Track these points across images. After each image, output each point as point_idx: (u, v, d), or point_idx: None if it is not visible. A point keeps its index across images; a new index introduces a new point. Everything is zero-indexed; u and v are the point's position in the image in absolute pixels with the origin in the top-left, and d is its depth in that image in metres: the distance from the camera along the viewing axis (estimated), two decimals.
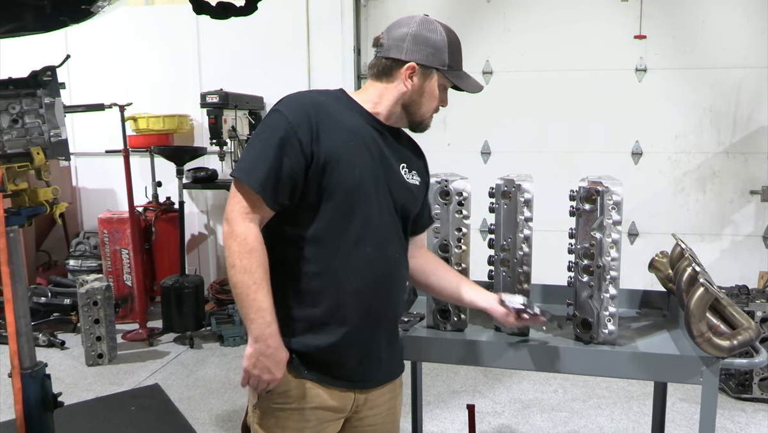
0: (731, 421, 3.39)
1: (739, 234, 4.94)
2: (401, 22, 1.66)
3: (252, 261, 1.47)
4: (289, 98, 1.59)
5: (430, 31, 1.62)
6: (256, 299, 1.48)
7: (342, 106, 1.62)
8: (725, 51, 4.72)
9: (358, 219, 1.57)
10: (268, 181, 1.48)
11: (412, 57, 1.61)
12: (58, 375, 4.09)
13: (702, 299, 1.71)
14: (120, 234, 5.04)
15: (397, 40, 1.63)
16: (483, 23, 5.05)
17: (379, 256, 1.61)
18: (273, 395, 1.57)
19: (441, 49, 1.62)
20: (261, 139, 1.52)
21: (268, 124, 1.54)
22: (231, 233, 1.49)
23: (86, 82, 5.55)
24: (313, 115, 1.53)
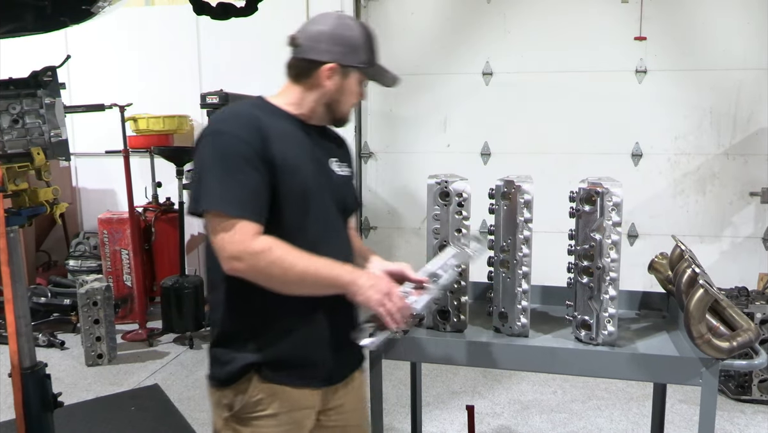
0: (730, 423, 3.40)
1: (738, 236, 4.95)
2: (316, 20, 1.67)
3: (285, 260, 1.48)
4: (226, 117, 1.59)
5: (346, 28, 1.64)
6: (319, 271, 1.52)
7: (270, 115, 1.61)
8: (725, 53, 4.72)
9: (312, 224, 1.60)
10: (250, 202, 1.48)
11: (331, 57, 1.63)
12: (58, 375, 4.09)
13: (701, 301, 1.71)
14: (120, 234, 5.04)
15: (313, 41, 1.63)
16: (483, 24, 5.06)
17: (334, 256, 1.60)
18: (247, 406, 1.60)
19: (358, 46, 1.65)
20: (223, 164, 1.48)
21: (221, 147, 1.49)
22: (254, 267, 1.48)
23: (86, 82, 5.55)
24: (259, 127, 1.53)
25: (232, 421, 1.63)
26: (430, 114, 5.24)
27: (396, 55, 5.25)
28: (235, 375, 1.60)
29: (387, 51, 5.70)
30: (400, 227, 5.43)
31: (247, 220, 1.47)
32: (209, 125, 1.61)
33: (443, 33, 5.15)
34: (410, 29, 5.20)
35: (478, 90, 5.14)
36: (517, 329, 2.06)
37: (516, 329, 2.06)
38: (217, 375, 1.65)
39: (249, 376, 1.59)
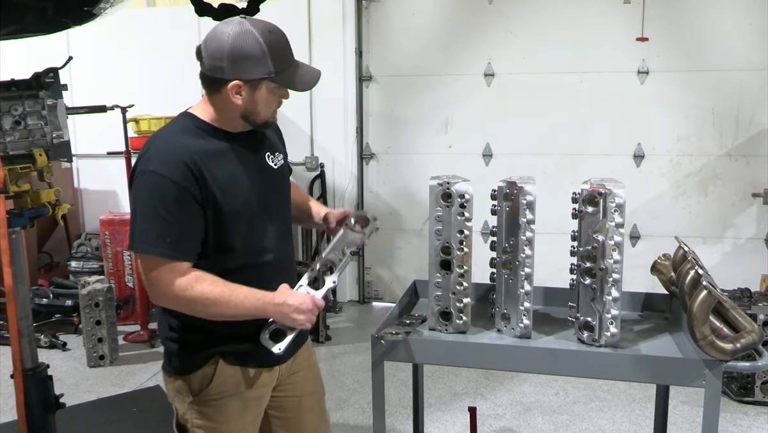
0: (733, 424, 3.39)
1: (740, 237, 4.94)
2: (216, 35, 1.61)
3: (207, 298, 1.60)
4: (157, 155, 1.60)
5: (245, 42, 1.58)
6: (238, 306, 1.64)
7: (198, 136, 1.65)
8: (727, 53, 4.72)
9: (254, 233, 1.73)
10: (178, 244, 1.57)
11: (233, 75, 1.59)
12: (60, 376, 4.09)
13: (705, 302, 1.70)
14: (122, 235, 5.04)
15: (214, 59, 1.60)
16: (484, 25, 5.06)
17: (278, 254, 1.80)
18: (211, 388, 1.73)
19: (261, 58, 1.59)
20: (153, 206, 1.56)
21: (153, 189, 1.56)
22: (177, 304, 1.63)
23: (88, 83, 5.55)
24: (190, 162, 1.58)
25: (196, 405, 1.74)
26: (432, 115, 5.24)
27: (397, 56, 5.27)
28: (200, 362, 1.72)
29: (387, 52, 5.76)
30: (402, 228, 5.43)
31: (174, 260, 1.58)
32: (143, 161, 1.62)
33: (444, 34, 5.15)
34: (411, 30, 5.20)
35: (479, 91, 5.14)
36: (520, 330, 2.05)
37: (518, 331, 2.06)
38: (177, 365, 1.76)
39: (214, 361, 1.72)
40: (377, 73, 5.32)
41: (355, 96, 5.27)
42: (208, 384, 1.73)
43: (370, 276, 5.57)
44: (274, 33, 1.63)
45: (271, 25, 1.65)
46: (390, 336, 1.95)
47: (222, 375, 1.73)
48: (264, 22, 1.64)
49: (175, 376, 1.77)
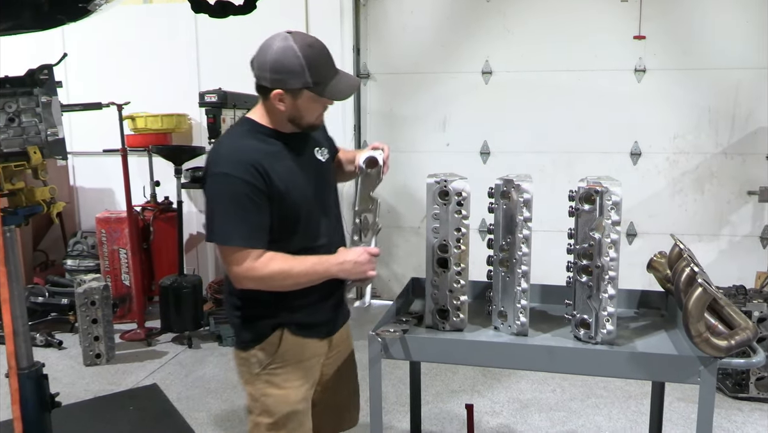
0: (728, 420, 3.40)
1: (736, 234, 4.95)
2: (263, 48, 1.82)
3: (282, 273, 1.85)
4: (226, 158, 1.82)
5: (285, 56, 1.77)
6: (309, 273, 1.89)
7: (260, 139, 1.87)
8: (724, 52, 4.72)
9: (311, 221, 1.95)
10: (252, 234, 1.81)
11: (275, 85, 1.81)
12: (56, 375, 4.08)
13: (700, 300, 1.71)
14: (118, 234, 5.03)
15: (260, 70, 1.83)
16: (482, 23, 5.05)
17: (331, 238, 2.04)
18: (276, 357, 1.96)
19: (300, 71, 1.78)
20: (230, 204, 1.79)
21: (228, 189, 1.79)
22: (258, 284, 1.86)
23: (84, 80, 5.53)
24: (256, 163, 1.80)
25: (263, 375, 1.98)
26: (430, 113, 5.23)
27: (395, 53, 5.26)
28: (266, 333, 1.96)
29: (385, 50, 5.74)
30: (400, 225, 5.43)
31: (250, 248, 1.80)
32: (214, 164, 1.84)
33: (442, 32, 5.15)
34: (409, 28, 5.19)
35: (477, 89, 5.13)
36: (517, 327, 2.06)
37: (515, 328, 2.06)
38: (246, 337, 2.00)
39: (279, 333, 1.96)
40: (375, 70, 5.31)
41: (354, 94, 5.24)
42: (274, 353, 1.96)
43: None
44: (313, 48, 1.80)
45: (312, 39, 1.82)
46: (387, 334, 1.95)
47: (286, 344, 1.97)
48: (306, 37, 1.82)
49: (243, 349, 2.00)
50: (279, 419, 1.99)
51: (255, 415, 2.03)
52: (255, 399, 2.02)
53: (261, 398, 2.00)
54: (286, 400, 1.99)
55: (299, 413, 2.02)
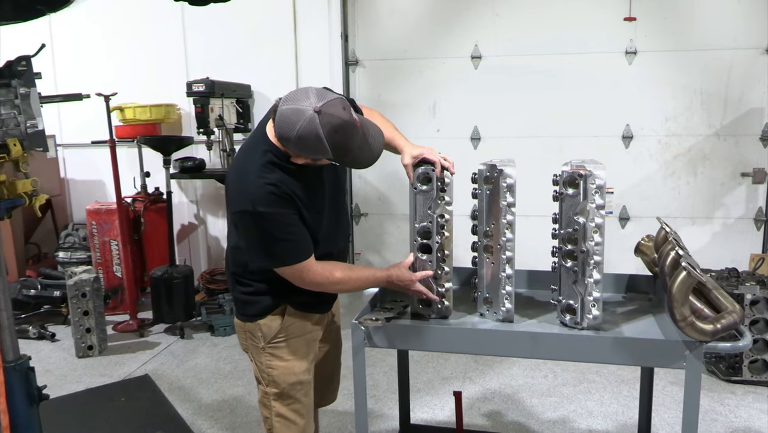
0: (721, 403, 3.40)
1: (730, 217, 4.94)
2: (287, 122, 1.78)
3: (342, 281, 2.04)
4: (258, 196, 1.86)
5: (311, 139, 1.76)
6: (362, 283, 2.11)
7: (277, 167, 1.90)
8: (716, 32, 4.68)
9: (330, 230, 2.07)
10: (302, 248, 1.95)
11: (296, 153, 1.85)
12: (49, 367, 4.08)
13: (684, 283, 1.69)
14: (108, 225, 5.01)
15: (282, 138, 1.82)
16: (471, 7, 5.00)
17: (344, 241, 2.25)
18: (282, 332, 2.08)
19: (323, 152, 1.79)
20: (276, 234, 1.90)
21: (268, 224, 1.88)
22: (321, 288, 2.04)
23: (72, 71, 5.49)
24: (281, 193, 1.88)
25: (268, 349, 2.10)
26: (419, 99, 5.19)
27: (384, 39, 5.21)
28: (270, 307, 2.08)
29: (373, 36, 5.68)
30: (391, 213, 5.41)
31: (305, 260, 1.95)
32: (243, 202, 1.89)
33: (431, 16, 5.10)
34: (398, 13, 5.14)
35: (467, 74, 5.09)
36: (502, 314, 2.04)
37: (500, 315, 2.05)
38: (250, 312, 2.11)
39: (282, 308, 2.08)
40: (364, 57, 5.27)
41: (342, 81, 5.21)
42: (278, 327, 2.07)
43: (360, 262, 5.55)
44: (339, 134, 1.77)
45: (340, 123, 1.77)
46: (370, 322, 1.94)
47: (289, 319, 2.08)
48: (333, 119, 1.76)
49: (248, 321, 2.11)
50: (285, 389, 2.11)
51: (263, 385, 2.15)
52: (261, 371, 2.14)
53: (267, 370, 2.12)
54: (292, 371, 2.11)
55: (304, 383, 2.14)
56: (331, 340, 2.37)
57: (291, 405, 2.13)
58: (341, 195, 2.20)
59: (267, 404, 2.15)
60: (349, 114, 1.79)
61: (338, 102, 1.79)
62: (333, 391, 2.46)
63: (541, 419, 3.29)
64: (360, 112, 2.18)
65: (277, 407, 2.13)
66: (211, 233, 5.68)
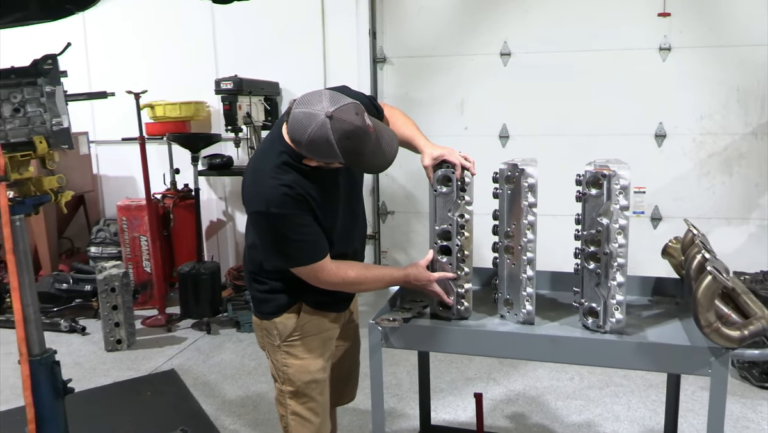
0: (753, 411, 3.30)
1: (766, 218, 4.78)
2: (298, 125, 1.76)
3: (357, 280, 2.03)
4: (273, 197, 1.86)
5: (322, 144, 1.75)
6: (377, 282, 2.08)
7: (293, 168, 1.88)
8: (752, 28, 4.53)
9: (344, 230, 2.07)
10: (317, 249, 1.94)
11: (308, 155, 1.84)
12: (78, 360, 4.16)
13: (709, 288, 1.63)
14: (138, 221, 5.08)
15: (294, 141, 1.82)
16: (500, 3, 4.94)
17: (359, 241, 2.24)
18: (297, 330, 2.08)
19: (334, 156, 1.78)
20: (290, 235, 1.89)
21: (282, 225, 1.87)
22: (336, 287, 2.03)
23: (104, 69, 5.60)
24: (294, 194, 1.87)
25: (284, 347, 2.10)
26: (447, 97, 5.15)
27: (411, 36, 5.18)
28: (285, 306, 2.08)
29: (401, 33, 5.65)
30: (418, 211, 5.38)
31: (320, 260, 1.94)
32: (257, 203, 1.89)
33: (459, 13, 5.05)
34: (426, 10, 5.11)
35: (495, 71, 5.03)
36: (523, 316, 2.01)
37: (521, 317, 2.01)
38: (266, 310, 2.11)
39: (297, 306, 2.07)
40: (391, 54, 5.24)
41: (370, 78, 5.20)
42: (293, 325, 2.07)
43: (387, 260, 5.54)
44: (351, 140, 1.75)
45: (352, 129, 1.74)
46: (387, 323, 1.92)
47: (305, 318, 2.08)
48: (345, 125, 1.74)
49: (265, 319, 2.12)
50: (300, 387, 2.11)
51: (279, 383, 2.16)
52: (277, 369, 2.15)
53: (282, 368, 2.12)
54: (307, 369, 2.11)
55: (319, 381, 2.13)
56: (350, 338, 2.36)
57: (306, 403, 2.13)
58: (357, 196, 2.20)
59: (282, 401, 2.16)
60: (361, 119, 1.76)
61: (351, 107, 1.76)
62: (351, 390, 2.45)
63: (565, 423, 3.24)
64: (380, 111, 2.17)
65: (292, 405, 2.13)
66: (239, 230, 5.72)
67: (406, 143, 2.16)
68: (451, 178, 2.00)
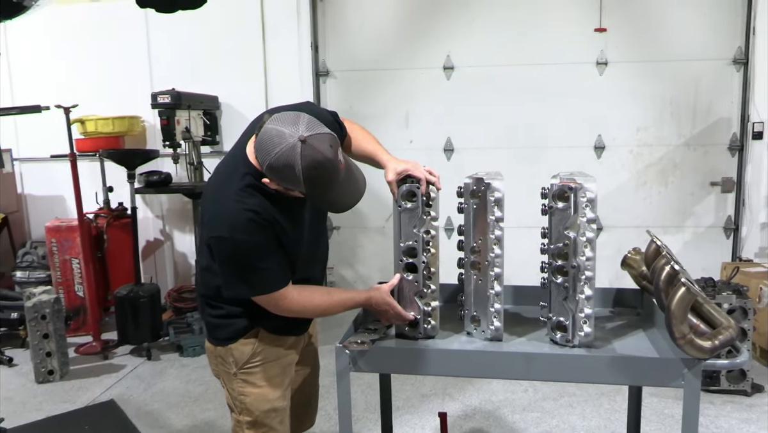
0: (701, 414, 3.32)
1: (700, 226, 4.98)
2: (267, 139, 1.66)
3: (314, 306, 1.96)
4: (238, 223, 1.75)
5: (286, 168, 1.65)
6: (336, 307, 1.99)
7: (259, 191, 1.78)
8: (685, 44, 4.73)
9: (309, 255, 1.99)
10: (279, 277, 1.85)
11: (268, 177, 1.73)
12: (7, 394, 3.86)
13: (684, 300, 1.63)
14: (69, 243, 4.80)
15: (259, 155, 1.71)
16: (443, 17, 4.97)
17: (321, 265, 2.17)
18: (255, 357, 1.98)
19: (295, 184, 1.69)
20: (252, 263, 1.80)
21: (245, 252, 1.78)
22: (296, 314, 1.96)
23: (30, 82, 5.29)
24: (260, 220, 1.76)
25: (240, 375, 2.00)
26: (392, 110, 5.13)
27: (355, 50, 5.14)
28: (242, 331, 1.97)
29: (345, 46, 5.62)
30: (365, 226, 5.31)
31: (282, 288, 1.86)
32: (219, 228, 1.78)
33: (403, 27, 5.05)
34: (369, 23, 5.08)
35: (439, 85, 5.05)
36: (491, 333, 1.97)
37: (489, 333, 1.97)
38: (221, 336, 2.00)
39: (255, 331, 1.97)
40: (334, 68, 5.18)
41: (313, 92, 5.12)
42: (250, 352, 1.97)
43: (333, 276, 5.43)
44: (318, 170, 1.65)
45: (322, 159, 1.65)
46: (355, 346, 1.84)
47: (263, 343, 1.98)
48: (316, 154, 1.64)
49: (220, 346, 2.01)
50: (259, 417, 2.01)
51: (236, 413, 2.05)
52: (234, 398, 2.04)
53: (239, 397, 2.02)
54: (265, 398, 2.00)
55: (279, 410, 2.03)
56: (309, 363, 2.26)
57: None
58: (322, 222, 2.12)
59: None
60: (334, 153, 1.67)
61: (327, 138, 1.67)
62: (311, 415, 2.36)
63: None
64: (343, 128, 2.09)
65: None
66: (178, 249, 5.50)
67: (368, 158, 2.10)
68: (416, 193, 1.95)
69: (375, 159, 2.06)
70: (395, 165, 1.97)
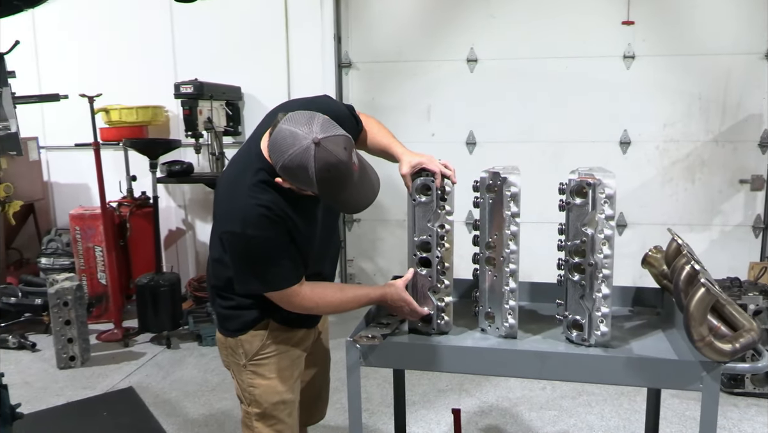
0: (723, 417, 3.30)
1: (728, 224, 4.86)
2: (281, 139, 1.65)
3: (329, 303, 1.94)
4: (251, 219, 1.74)
5: (299, 170, 1.64)
6: (351, 304, 1.95)
7: (271, 186, 1.76)
8: (715, 37, 4.60)
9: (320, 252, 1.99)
10: (292, 273, 1.83)
11: (282, 176, 1.72)
12: (28, 379, 3.93)
13: (703, 301, 1.58)
14: (93, 231, 4.85)
15: (273, 154, 1.69)
16: (467, 9, 4.90)
17: (333, 261, 2.15)
18: (264, 348, 1.97)
19: (308, 185, 1.67)
20: (265, 259, 1.79)
21: (258, 248, 1.77)
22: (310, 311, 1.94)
23: (56, 71, 5.36)
24: (273, 216, 1.76)
25: (250, 367, 1.99)
26: (414, 103, 5.09)
27: (377, 42, 5.11)
28: (252, 322, 1.96)
29: (367, 38, 5.59)
30: (385, 219, 5.29)
31: (298, 282, 1.85)
32: (232, 223, 1.77)
33: (426, 18, 5.00)
34: (392, 15, 5.04)
35: (462, 77, 4.99)
36: (505, 330, 1.93)
37: (503, 330, 1.94)
38: (231, 327, 2.00)
39: (265, 323, 1.97)
40: (357, 59, 5.15)
41: (335, 83, 5.10)
42: (260, 343, 1.96)
43: (353, 268, 5.43)
44: (331, 172, 1.64)
45: (335, 161, 1.63)
46: (365, 340, 1.82)
47: (272, 335, 1.97)
48: (330, 156, 1.62)
49: (230, 336, 2.00)
50: (268, 409, 2.00)
51: (245, 404, 2.04)
52: (243, 389, 2.03)
53: (249, 389, 2.01)
54: (274, 390, 2.00)
55: (288, 402, 2.02)
56: (319, 356, 2.25)
57: (274, 426, 2.01)
58: (334, 219, 2.12)
59: (249, 424, 2.03)
60: (348, 155, 1.65)
61: (341, 140, 1.64)
62: (321, 408, 2.35)
63: None
64: (359, 122, 2.07)
65: (259, 428, 2.01)
66: (199, 239, 5.53)
67: (382, 152, 2.08)
68: (430, 186, 1.92)
69: (390, 152, 2.03)
70: (410, 158, 1.95)
